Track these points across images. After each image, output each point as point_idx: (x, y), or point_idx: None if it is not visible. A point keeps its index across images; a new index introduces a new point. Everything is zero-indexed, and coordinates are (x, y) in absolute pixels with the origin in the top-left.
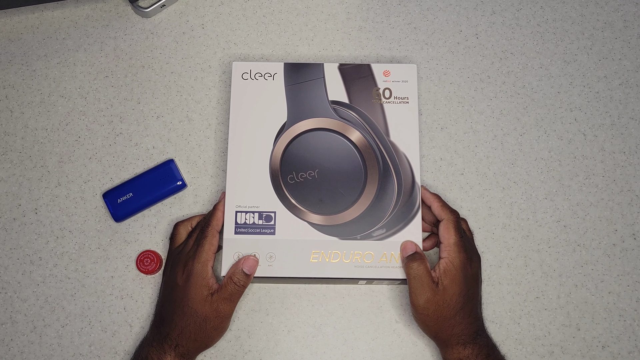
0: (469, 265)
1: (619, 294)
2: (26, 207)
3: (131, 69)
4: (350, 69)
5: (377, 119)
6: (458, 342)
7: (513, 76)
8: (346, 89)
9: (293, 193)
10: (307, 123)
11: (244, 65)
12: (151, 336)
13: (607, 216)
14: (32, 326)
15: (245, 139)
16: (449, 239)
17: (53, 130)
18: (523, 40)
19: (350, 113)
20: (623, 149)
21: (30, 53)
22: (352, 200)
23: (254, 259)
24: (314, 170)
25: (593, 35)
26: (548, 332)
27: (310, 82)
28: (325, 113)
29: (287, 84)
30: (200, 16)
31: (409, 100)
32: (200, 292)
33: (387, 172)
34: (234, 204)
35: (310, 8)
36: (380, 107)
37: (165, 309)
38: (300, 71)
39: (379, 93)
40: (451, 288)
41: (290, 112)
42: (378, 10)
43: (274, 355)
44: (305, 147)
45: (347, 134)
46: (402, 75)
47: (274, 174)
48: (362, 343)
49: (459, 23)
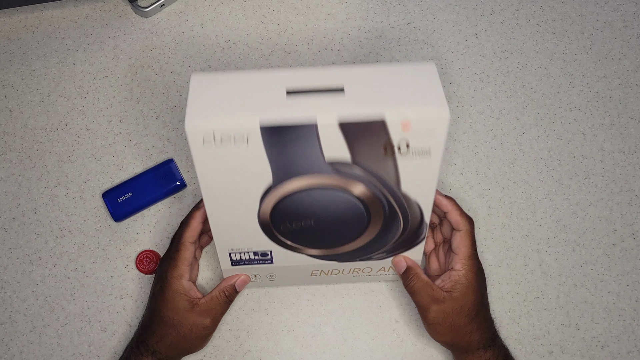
0: (482, 275)
1: (619, 294)
2: (25, 207)
3: (131, 68)
4: (355, 126)
5: (386, 175)
6: (479, 347)
7: (512, 76)
8: (348, 146)
9: (288, 237)
10: (298, 182)
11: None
12: (134, 338)
13: (606, 216)
14: (32, 326)
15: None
16: (466, 252)
17: (52, 130)
18: (522, 40)
19: (352, 170)
20: (622, 149)
21: (30, 53)
22: (353, 238)
23: (246, 278)
24: (310, 219)
25: (592, 35)
26: (547, 331)
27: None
28: (320, 170)
29: (267, 146)
30: (200, 16)
31: (431, 152)
32: (181, 304)
33: (393, 215)
34: (226, 247)
35: (309, 8)
36: (392, 162)
37: (145, 315)
38: (286, 133)
39: (393, 147)
40: (463, 298)
41: (275, 174)
42: (377, 10)
43: (273, 355)
44: (298, 203)
45: (349, 188)
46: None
47: (264, 227)
48: (361, 343)
49: (459, 23)
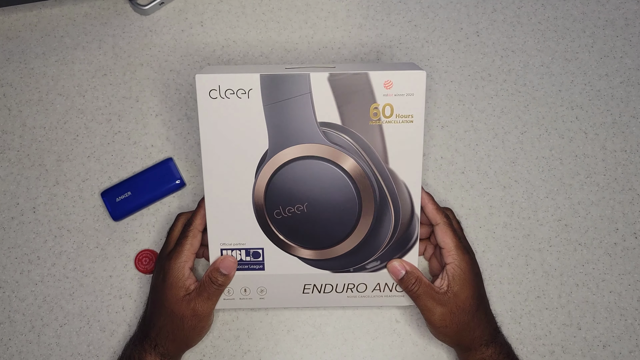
0: (475, 264)
1: (620, 293)
2: (24, 206)
3: (130, 66)
4: (343, 80)
5: (374, 143)
6: (481, 344)
7: (514, 74)
8: (338, 106)
9: (281, 229)
10: (292, 151)
11: (211, 79)
12: (135, 335)
13: (608, 215)
14: (31, 326)
15: (223, 171)
16: (449, 243)
17: (51, 129)
18: (524, 38)
19: (343, 137)
20: (624, 148)
21: (28, 51)
22: (345, 234)
23: (232, 259)
24: (302, 204)
25: (594, 33)
26: (549, 331)
27: (294, 100)
28: (313, 138)
29: (265, 102)
30: (199, 13)
31: (414, 119)
32: (177, 292)
33: (384, 204)
34: (218, 241)
35: (310, 5)
36: (379, 128)
37: (147, 308)
38: (281, 85)
39: (378, 111)
40: (462, 293)
41: (271, 139)
42: (378, 7)
43: (273, 355)
44: (291, 178)
45: (340, 161)
46: (407, 87)
47: (258, 210)
48: (362, 343)
49: (460, 21)
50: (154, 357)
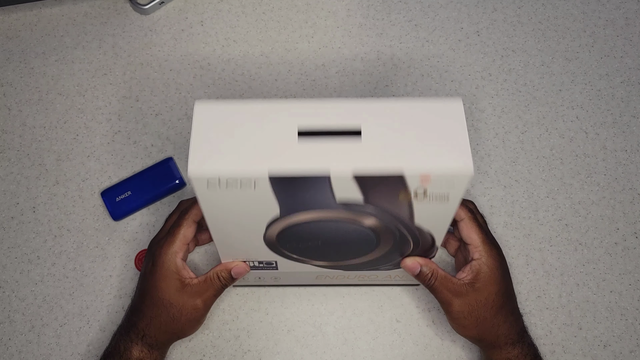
0: (503, 260)
1: (621, 293)
2: (24, 206)
3: (130, 66)
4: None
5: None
6: (507, 342)
7: (514, 74)
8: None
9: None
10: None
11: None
12: (122, 324)
13: (608, 215)
14: (30, 325)
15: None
16: (476, 239)
17: (51, 128)
18: (524, 38)
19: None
20: (625, 147)
21: (29, 51)
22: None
23: (245, 267)
24: (317, 240)
25: (595, 32)
26: (549, 331)
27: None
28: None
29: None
30: (199, 13)
31: (449, 198)
32: (172, 283)
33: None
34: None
35: (310, 5)
36: (407, 204)
37: (135, 297)
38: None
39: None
40: (486, 289)
41: (283, 209)
42: (379, 7)
43: (273, 355)
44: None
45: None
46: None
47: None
48: (362, 343)
49: (460, 20)
50: (141, 348)
